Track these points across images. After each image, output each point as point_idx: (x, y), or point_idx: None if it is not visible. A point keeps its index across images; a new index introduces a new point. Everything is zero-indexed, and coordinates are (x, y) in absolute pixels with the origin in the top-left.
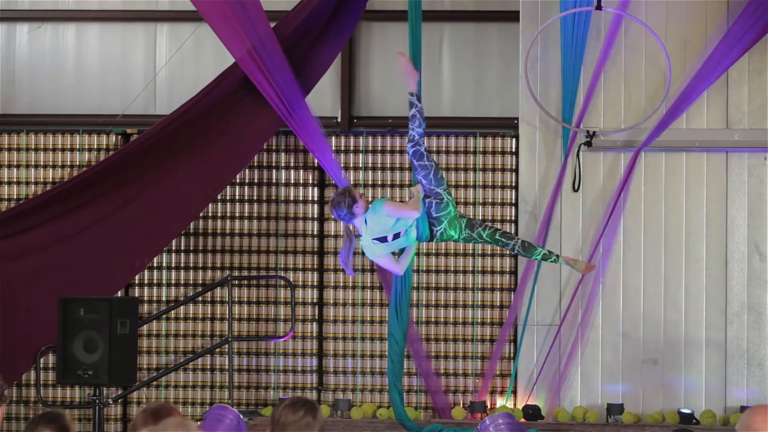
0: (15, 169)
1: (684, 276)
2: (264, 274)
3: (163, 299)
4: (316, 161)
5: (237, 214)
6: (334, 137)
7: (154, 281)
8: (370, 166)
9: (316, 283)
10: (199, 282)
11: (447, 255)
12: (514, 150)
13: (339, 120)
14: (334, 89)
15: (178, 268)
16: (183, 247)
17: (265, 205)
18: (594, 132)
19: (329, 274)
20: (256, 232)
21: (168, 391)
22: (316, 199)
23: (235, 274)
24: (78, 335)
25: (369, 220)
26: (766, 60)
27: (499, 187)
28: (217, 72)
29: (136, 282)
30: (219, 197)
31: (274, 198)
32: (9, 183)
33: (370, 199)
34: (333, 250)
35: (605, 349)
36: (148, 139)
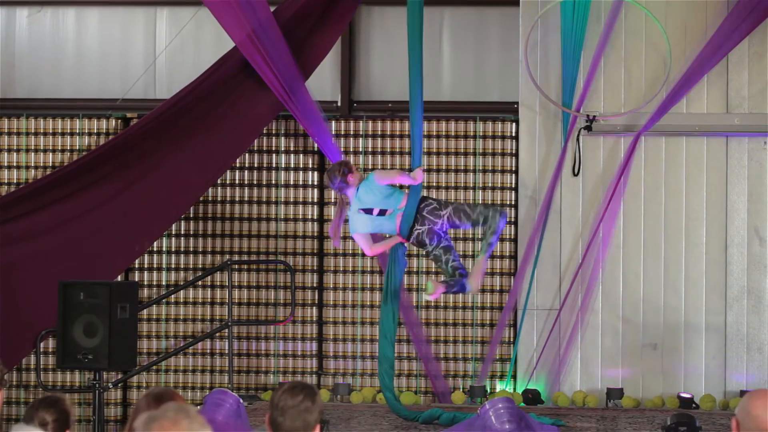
0: (15, 153)
1: (684, 260)
2: (264, 258)
3: (163, 283)
4: (315, 146)
5: (237, 199)
6: (334, 121)
7: (154, 265)
8: (370, 150)
9: (315, 268)
10: (199, 266)
11: None
12: (514, 134)
13: (339, 104)
14: (334, 73)
15: (178, 253)
16: (183, 232)
17: (264, 190)
18: (594, 116)
19: (329, 258)
20: (255, 216)
21: (168, 376)
22: (316, 183)
23: (235, 258)
24: (78, 319)
25: (361, 189)
26: (767, 44)
27: (499, 171)
28: (216, 56)
29: (136, 266)
30: (219, 181)
31: (273, 182)
32: (9, 167)
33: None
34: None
35: (605, 334)
36: (147, 123)
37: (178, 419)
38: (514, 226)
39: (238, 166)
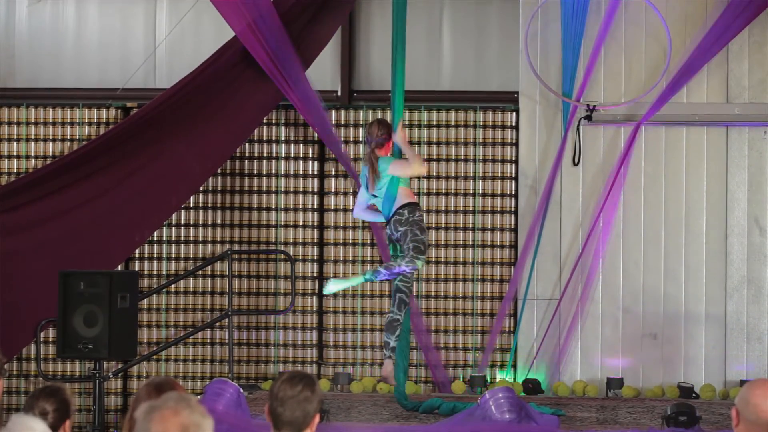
0: (15, 142)
1: (684, 250)
2: (264, 248)
3: (164, 273)
4: (316, 135)
5: (237, 188)
6: (334, 111)
7: (155, 255)
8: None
9: (316, 258)
10: (200, 256)
11: (447, 229)
12: (514, 124)
13: (339, 94)
14: (334, 63)
15: (178, 242)
16: (183, 221)
17: (264, 179)
18: (594, 106)
19: (329, 248)
20: (256, 206)
21: (168, 365)
22: (316, 173)
23: (235, 248)
24: (78, 309)
25: (380, 160)
26: (767, 34)
27: (499, 161)
28: (217, 46)
29: (137, 256)
30: (219, 171)
31: (273, 172)
32: (9, 157)
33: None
34: (333, 225)
35: (605, 324)
36: (148, 112)
37: (178, 409)
38: (514, 216)
39: (238, 155)
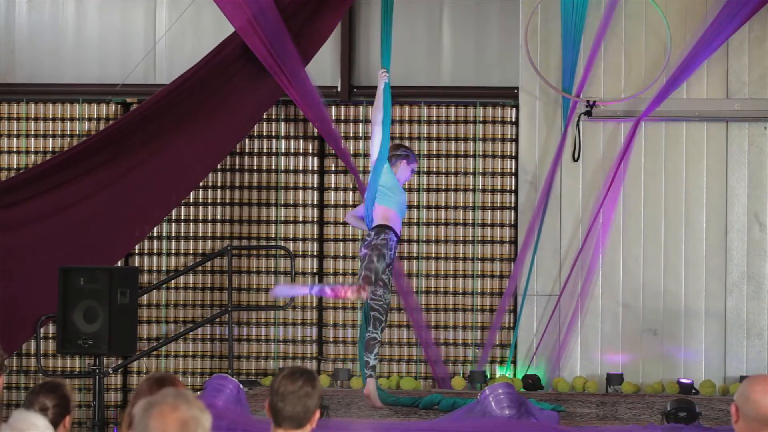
0: (15, 138)
1: (684, 246)
2: (264, 243)
3: (163, 269)
4: (315, 131)
5: (237, 184)
6: (334, 107)
7: (154, 251)
8: (370, 135)
9: (316, 253)
10: (199, 251)
11: (447, 225)
12: (514, 120)
13: (339, 89)
14: (334, 58)
15: (177, 238)
16: (183, 217)
17: (264, 175)
18: (594, 102)
19: (329, 243)
20: (255, 201)
21: (168, 361)
22: (316, 168)
23: (235, 243)
24: (78, 305)
25: (387, 175)
26: (767, 29)
27: (499, 156)
28: (216, 41)
29: (136, 251)
30: (219, 166)
31: (273, 167)
32: (9, 152)
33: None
34: (332, 220)
35: (605, 319)
36: (148, 108)
37: (177, 404)
38: (514, 211)
39: (238, 151)
